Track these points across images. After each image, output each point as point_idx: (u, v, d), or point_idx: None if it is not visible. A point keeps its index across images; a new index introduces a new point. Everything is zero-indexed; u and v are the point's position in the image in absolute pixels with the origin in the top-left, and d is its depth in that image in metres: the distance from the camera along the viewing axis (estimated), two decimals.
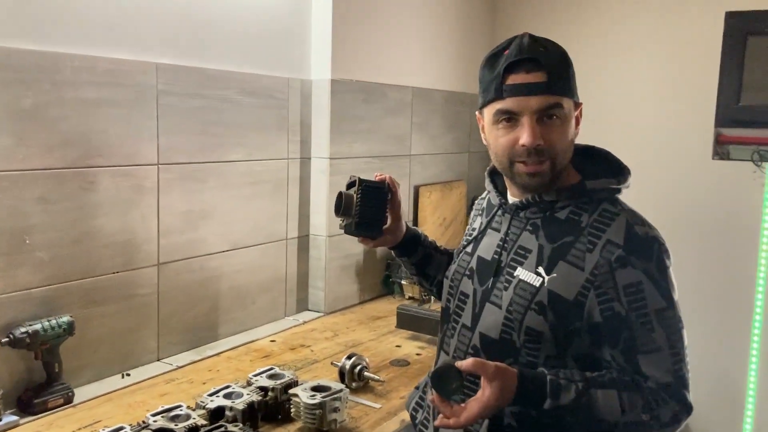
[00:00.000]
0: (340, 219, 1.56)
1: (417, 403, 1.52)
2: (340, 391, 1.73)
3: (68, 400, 1.83)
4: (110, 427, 1.53)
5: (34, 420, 1.73)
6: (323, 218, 2.71)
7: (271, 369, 1.86)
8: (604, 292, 1.21)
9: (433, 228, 3.23)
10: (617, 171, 1.34)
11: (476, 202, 1.60)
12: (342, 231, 1.58)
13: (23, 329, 1.74)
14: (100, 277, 1.97)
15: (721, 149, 3.27)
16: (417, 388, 1.56)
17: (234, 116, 2.35)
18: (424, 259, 1.63)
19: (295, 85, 2.59)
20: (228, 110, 2.32)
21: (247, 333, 2.46)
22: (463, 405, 1.20)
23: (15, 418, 1.71)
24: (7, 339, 1.72)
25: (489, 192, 1.49)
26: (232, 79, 2.33)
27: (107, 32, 1.93)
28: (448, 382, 1.21)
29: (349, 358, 1.98)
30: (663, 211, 3.42)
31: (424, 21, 3.19)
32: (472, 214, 1.59)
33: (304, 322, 2.63)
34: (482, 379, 1.19)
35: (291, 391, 1.74)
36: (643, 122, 3.43)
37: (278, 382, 1.78)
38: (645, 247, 1.23)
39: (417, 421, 1.50)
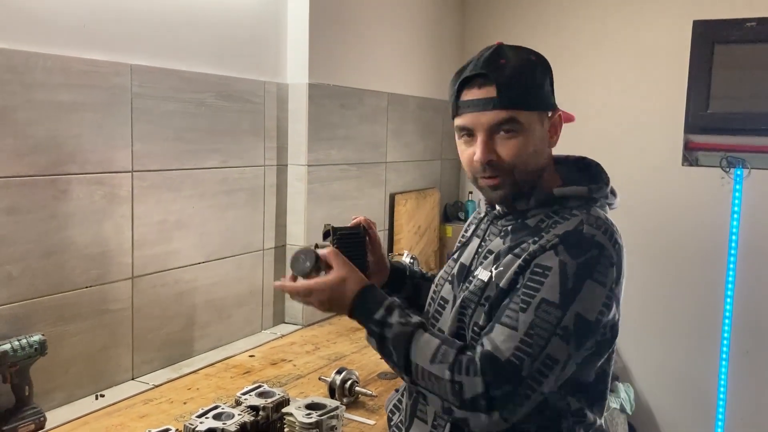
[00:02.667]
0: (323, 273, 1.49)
1: (395, 405, 1.48)
2: (336, 408, 1.64)
3: (40, 426, 1.69)
4: None
5: None
6: (300, 228, 2.62)
7: (260, 386, 1.76)
8: (521, 265, 1.19)
9: (408, 236, 3.17)
10: (593, 180, 1.31)
11: (477, 209, 1.56)
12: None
13: None
14: (72, 292, 1.84)
15: (690, 155, 3.32)
16: (397, 390, 1.53)
17: (209, 121, 2.25)
18: (414, 291, 1.57)
19: (271, 89, 2.50)
20: (203, 115, 2.22)
21: (224, 348, 2.35)
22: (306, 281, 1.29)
23: None
24: None
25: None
26: (207, 82, 2.22)
27: (80, 31, 1.81)
28: (302, 262, 1.29)
29: (338, 372, 1.89)
30: (632, 217, 3.44)
31: (398, 26, 3.13)
32: (469, 220, 1.56)
33: (283, 336, 2.53)
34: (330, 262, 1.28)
35: (284, 410, 1.65)
36: (613, 129, 3.45)
37: (269, 400, 1.68)
38: (580, 244, 1.17)
39: (392, 423, 1.47)
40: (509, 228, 1.31)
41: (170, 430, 1.50)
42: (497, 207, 1.37)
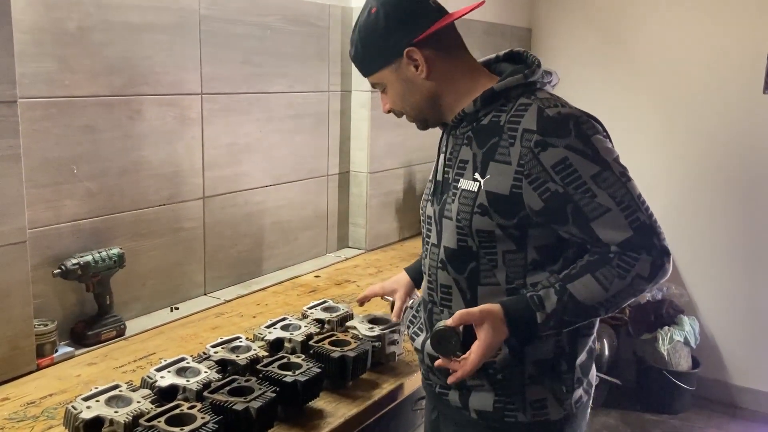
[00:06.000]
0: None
1: (410, 321, 1.56)
2: (398, 323, 1.69)
3: (120, 333, 1.81)
4: (168, 358, 1.49)
5: (88, 351, 1.71)
6: (364, 154, 2.64)
7: (325, 302, 1.83)
8: (535, 177, 1.24)
9: None
10: (528, 66, 1.35)
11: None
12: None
13: (74, 260, 1.71)
14: (147, 209, 1.93)
15: None
16: (411, 307, 1.60)
17: (275, 45, 2.26)
18: None
19: (335, 13, 2.49)
20: (269, 39, 2.24)
21: (290, 269, 2.43)
22: (464, 355, 1.26)
23: (70, 349, 1.69)
24: (59, 270, 1.69)
25: None
26: (272, 5, 2.23)
27: None
28: (448, 342, 1.26)
29: None
30: (710, 146, 3.32)
31: None
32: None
33: (346, 259, 2.59)
34: (474, 325, 1.26)
35: (348, 323, 1.71)
36: (692, 53, 3.30)
37: (334, 314, 1.75)
38: (559, 125, 1.25)
39: (411, 331, 1.54)
40: (469, 134, 1.35)
41: (240, 337, 1.58)
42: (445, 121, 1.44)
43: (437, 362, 1.30)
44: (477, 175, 1.31)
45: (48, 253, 1.70)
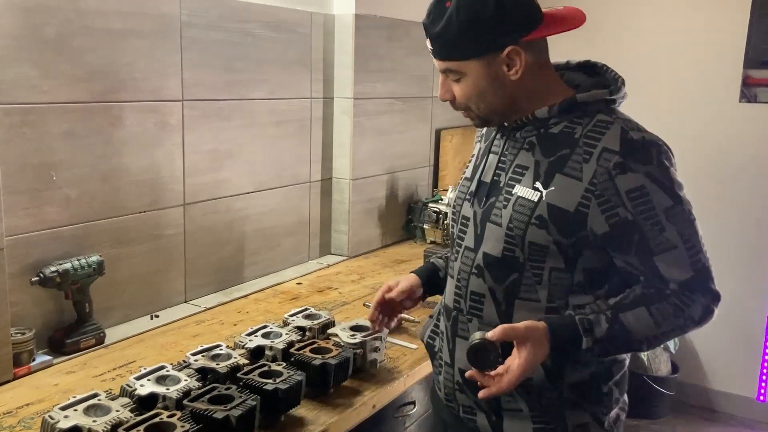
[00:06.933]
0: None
1: (432, 332, 1.51)
2: (380, 330, 1.69)
3: (100, 341, 1.79)
4: (148, 366, 1.48)
5: (67, 360, 1.70)
6: (346, 161, 2.65)
7: (307, 309, 1.82)
8: (606, 199, 1.20)
9: (453, 173, 3.17)
10: (611, 82, 1.31)
11: (478, 129, 1.55)
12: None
13: (53, 268, 1.69)
14: (127, 216, 1.91)
15: (749, 91, 3.20)
16: (431, 317, 1.54)
17: (257, 52, 2.26)
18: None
19: (317, 20, 2.49)
20: (251, 45, 2.23)
21: (272, 276, 2.43)
22: (500, 371, 1.20)
23: (48, 358, 1.67)
24: (37, 278, 1.67)
25: None
26: (254, 12, 2.23)
27: None
28: (486, 356, 1.20)
29: None
30: (686, 156, 3.35)
31: None
32: (474, 141, 1.55)
33: (329, 266, 2.59)
34: (516, 342, 1.20)
35: (330, 331, 1.71)
36: (668, 63, 3.34)
37: (315, 322, 1.74)
38: (642, 151, 1.21)
39: (436, 350, 1.48)
40: (533, 139, 1.29)
41: (221, 345, 1.57)
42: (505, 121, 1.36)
43: (468, 373, 1.23)
44: (538, 185, 1.25)
45: (26, 261, 1.68)
